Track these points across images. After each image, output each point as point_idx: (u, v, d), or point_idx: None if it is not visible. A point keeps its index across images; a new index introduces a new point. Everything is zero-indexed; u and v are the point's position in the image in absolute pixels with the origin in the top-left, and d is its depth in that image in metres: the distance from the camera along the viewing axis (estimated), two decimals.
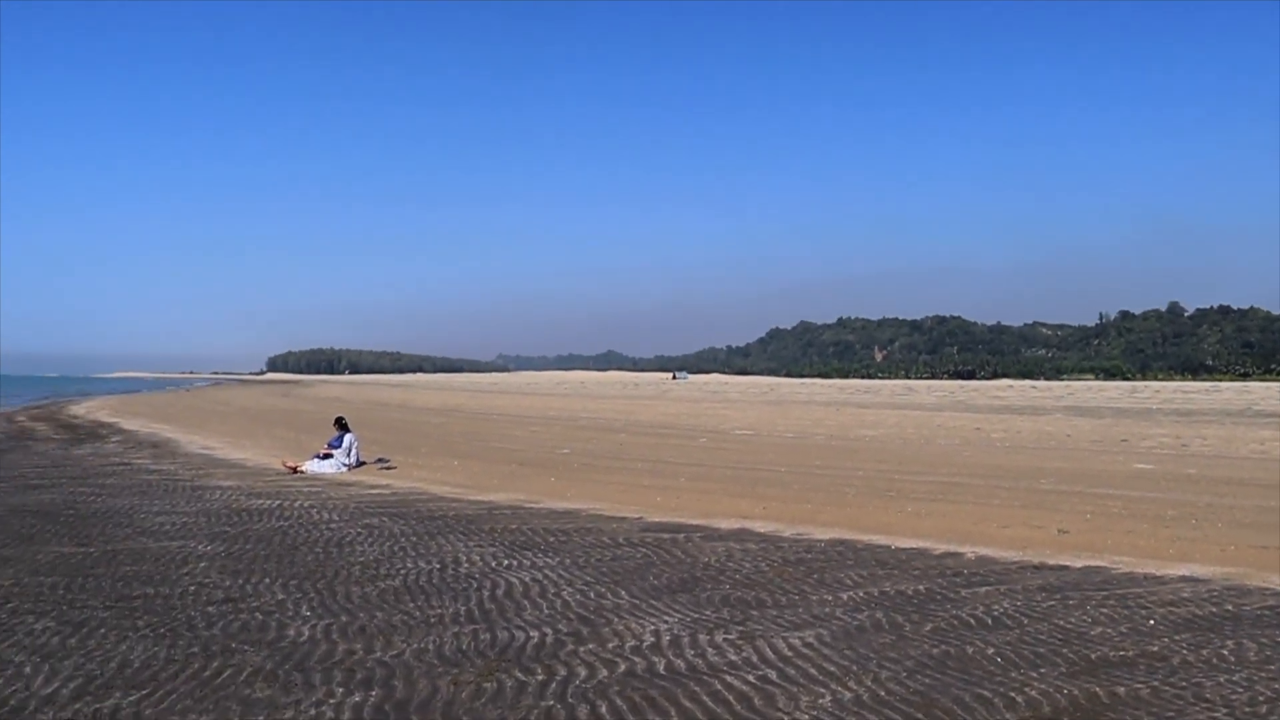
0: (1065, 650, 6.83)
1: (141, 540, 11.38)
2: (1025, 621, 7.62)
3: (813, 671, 6.36)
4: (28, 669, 6.45)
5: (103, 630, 7.40)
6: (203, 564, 9.96)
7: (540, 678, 6.25)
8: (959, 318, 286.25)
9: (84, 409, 53.06)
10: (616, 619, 7.74)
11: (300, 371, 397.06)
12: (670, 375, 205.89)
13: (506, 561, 10.06)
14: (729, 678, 6.25)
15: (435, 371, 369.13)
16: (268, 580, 9.19)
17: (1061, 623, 7.57)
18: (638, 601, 8.33)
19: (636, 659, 6.66)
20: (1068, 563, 9.97)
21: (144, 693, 5.98)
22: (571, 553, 10.56)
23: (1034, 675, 6.29)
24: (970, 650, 6.84)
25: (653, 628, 7.45)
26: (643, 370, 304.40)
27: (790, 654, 6.75)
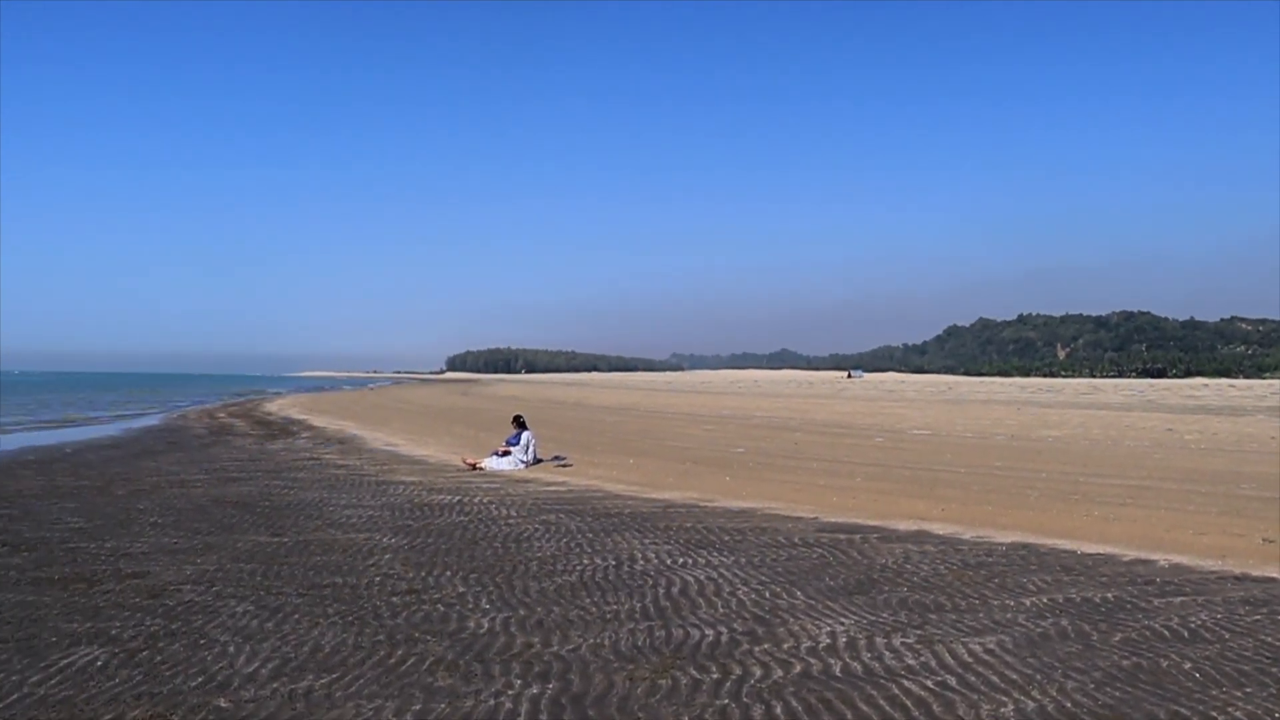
0: (1275, 669, 6.41)
1: (330, 532, 11.95)
2: (1227, 636, 7.19)
3: (994, 679, 6.17)
4: (231, 648, 6.87)
5: (296, 616, 7.81)
6: (387, 556, 10.38)
7: (715, 676, 6.27)
8: (1148, 313, 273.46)
9: (276, 406, 56.00)
10: (792, 619, 7.69)
11: (478, 371, 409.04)
12: (845, 374, 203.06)
13: (682, 559, 10.12)
14: (906, 682, 6.13)
15: (610, 370, 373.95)
16: (449, 573, 9.51)
17: (1269, 639, 7.10)
18: (813, 602, 8.26)
19: (812, 660, 6.61)
20: (1275, 575, 9.38)
21: (334, 676, 6.28)
22: (746, 552, 10.55)
23: (1238, 695, 5.90)
24: (1164, 664, 6.51)
25: (829, 629, 7.38)
26: (817, 369, 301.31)
27: (970, 660, 6.57)
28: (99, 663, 6.56)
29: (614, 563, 9.96)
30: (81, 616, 7.77)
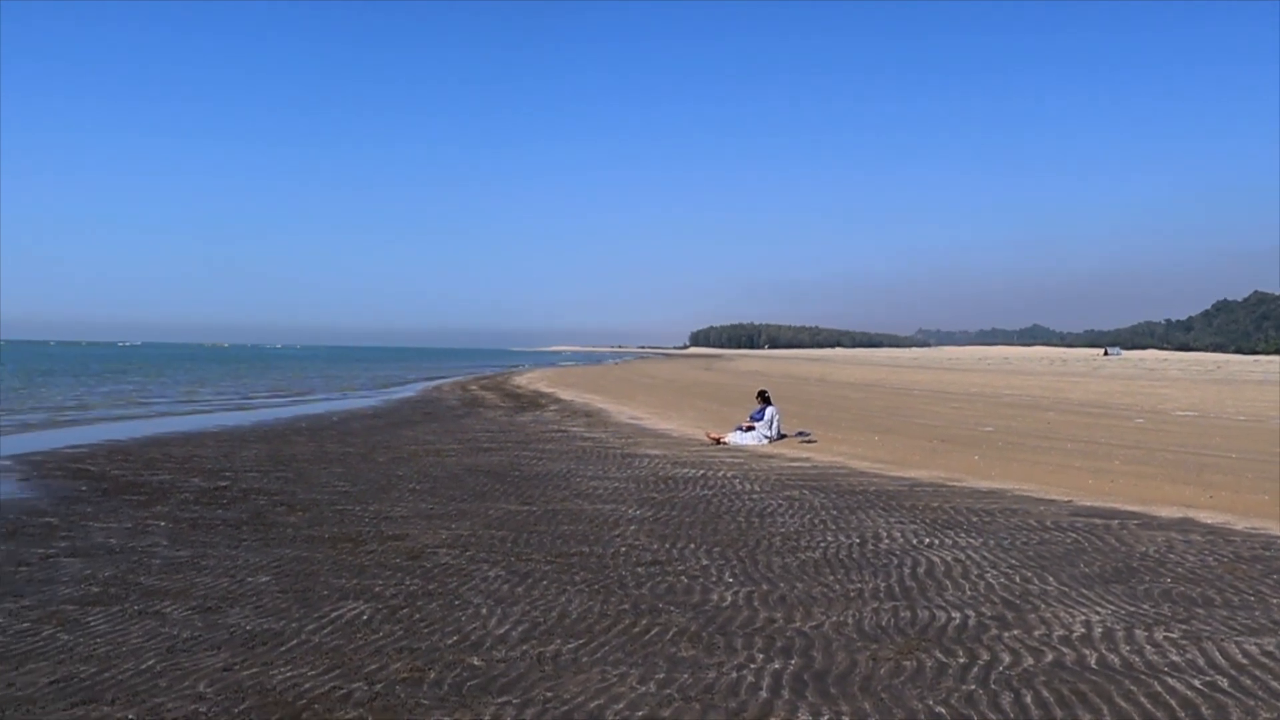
0: None
1: (577, 502, 12.40)
2: None
3: (1275, 685, 5.76)
4: (484, 610, 7.28)
5: (545, 582, 8.17)
6: (632, 527, 10.69)
7: (962, 660, 6.17)
8: None
9: (525, 380, 58.19)
10: (1044, 606, 7.45)
11: (720, 346, 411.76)
12: (1102, 351, 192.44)
13: (928, 540, 9.95)
14: (1170, 680, 5.83)
15: (854, 346, 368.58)
16: (692, 546, 9.70)
17: None
18: (1067, 589, 7.96)
19: (1065, 650, 6.38)
20: None
21: (581, 641, 6.55)
22: (995, 534, 10.26)
23: None
24: None
25: (1083, 618, 7.10)
26: (1070, 346, 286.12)
27: (1245, 662, 6.16)
28: (364, 617, 7.10)
29: (858, 540, 9.90)
30: (349, 573, 8.40)
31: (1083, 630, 6.81)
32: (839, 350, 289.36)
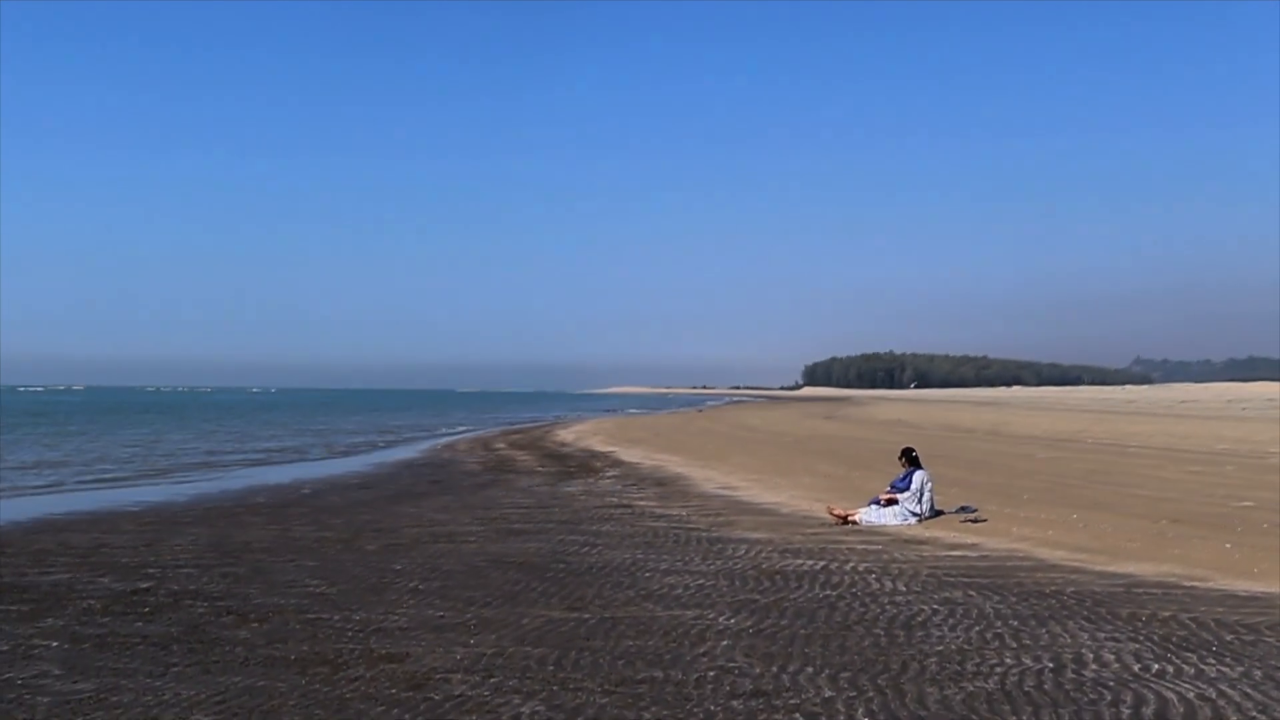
0: None
1: (646, 606, 12.29)
2: None
3: None
4: None
5: None
6: (724, 642, 10.56)
7: None
8: None
9: (572, 434, 58.38)
10: None
11: (848, 385, 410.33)
12: None
13: (1157, 667, 9.70)
14: None
15: (1040, 384, 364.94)
16: (810, 669, 9.53)
17: None
18: None
19: None
20: None
21: None
22: (1264, 661, 9.96)
23: None
24: None
25: None
26: None
27: None
28: None
29: (1050, 666, 9.68)
30: (323, 711, 8.36)
31: None
32: (1018, 390, 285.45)
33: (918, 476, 20.63)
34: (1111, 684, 9.14)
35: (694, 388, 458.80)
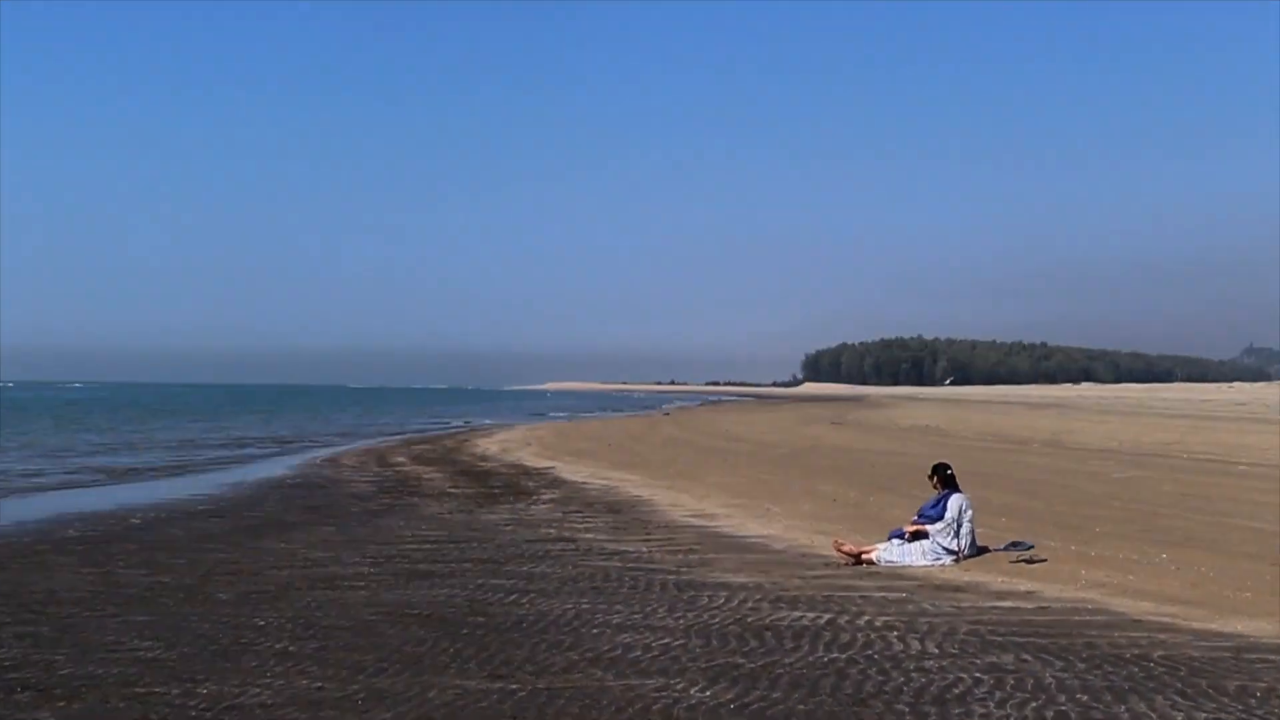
0: None
1: (594, 674, 12.22)
2: None
3: None
4: None
5: None
6: None
7: None
8: None
9: (497, 444, 58.34)
10: None
11: (862, 380, 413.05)
12: None
13: None
14: None
15: (1117, 380, 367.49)
16: None
17: None
18: None
19: None
20: None
21: None
22: None
23: None
24: None
25: None
26: None
27: None
28: None
29: None
30: None
31: None
32: (1088, 388, 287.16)
33: (954, 502, 20.56)
34: None
35: (659, 384, 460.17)
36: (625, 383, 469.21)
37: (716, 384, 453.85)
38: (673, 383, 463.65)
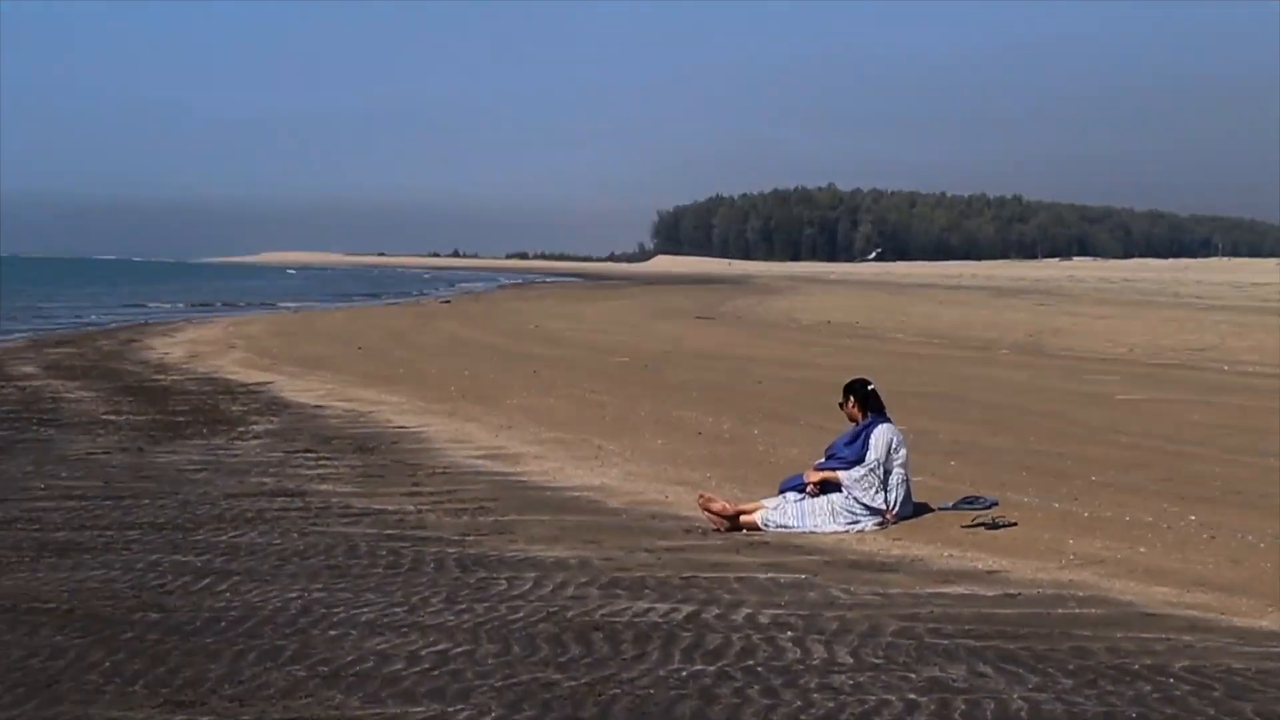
0: None
1: (331, 699, 12.18)
2: None
3: None
4: None
5: None
6: None
7: None
8: None
9: (182, 345, 58.32)
10: None
11: (744, 253, 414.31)
12: None
13: None
14: None
15: (1125, 255, 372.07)
16: None
17: None
18: None
19: None
20: None
21: None
22: None
23: None
24: None
25: None
26: None
27: None
28: None
29: None
30: None
31: None
32: (1083, 265, 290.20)
33: (880, 437, 20.66)
34: None
35: (436, 256, 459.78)
36: (383, 254, 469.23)
37: (524, 256, 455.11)
38: (458, 254, 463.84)
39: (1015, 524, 20.23)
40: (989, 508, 21.06)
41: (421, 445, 28.86)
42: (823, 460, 20.84)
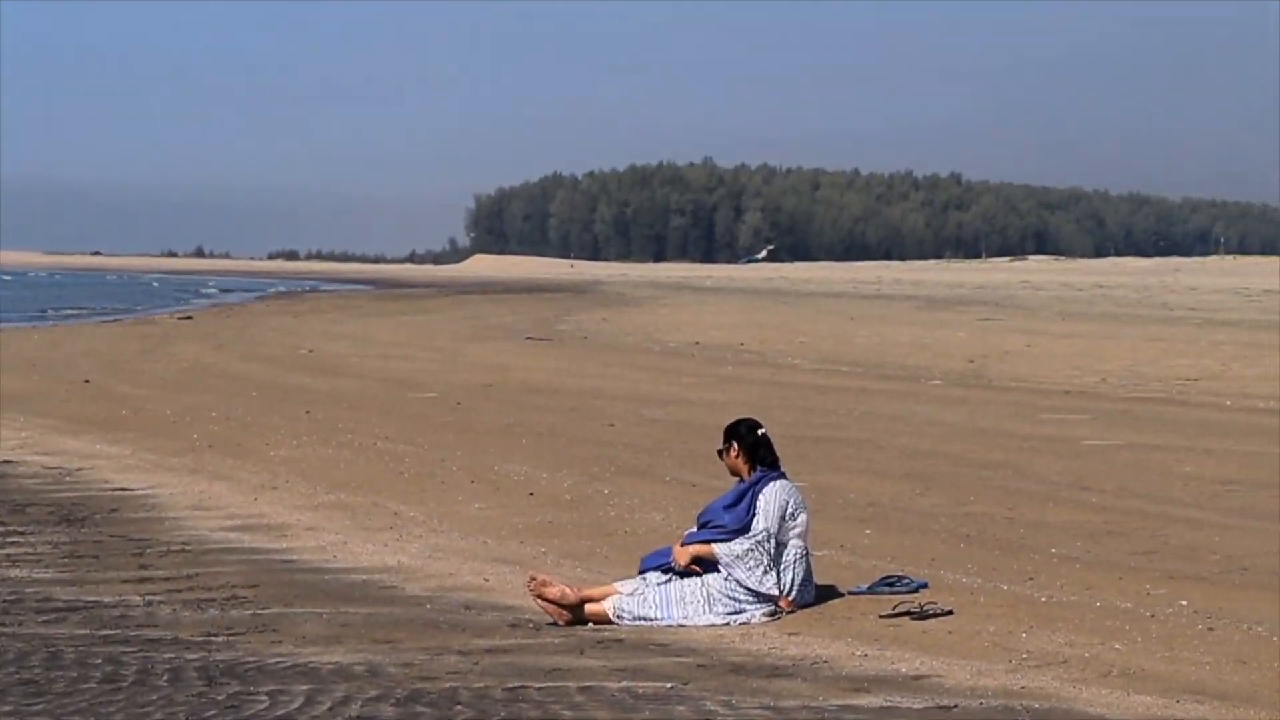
0: None
1: None
2: None
3: None
4: None
5: None
6: None
7: None
8: None
9: None
10: None
11: (592, 252, 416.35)
12: None
13: None
14: None
15: (1091, 254, 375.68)
16: None
17: None
18: None
19: None
20: None
21: None
22: None
23: None
24: None
25: None
26: None
27: None
28: None
29: None
30: None
31: None
32: (1041, 265, 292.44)
33: (771, 498, 20.71)
34: None
35: (171, 256, 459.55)
36: (99, 253, 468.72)
37: (294, 256, 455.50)
38: (202, 254, 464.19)
39: (950, 612, 20.30)
40: (916, 590, 21.14)
41: (151, 513, 28.71)
42: (695, 530, 20.85)
